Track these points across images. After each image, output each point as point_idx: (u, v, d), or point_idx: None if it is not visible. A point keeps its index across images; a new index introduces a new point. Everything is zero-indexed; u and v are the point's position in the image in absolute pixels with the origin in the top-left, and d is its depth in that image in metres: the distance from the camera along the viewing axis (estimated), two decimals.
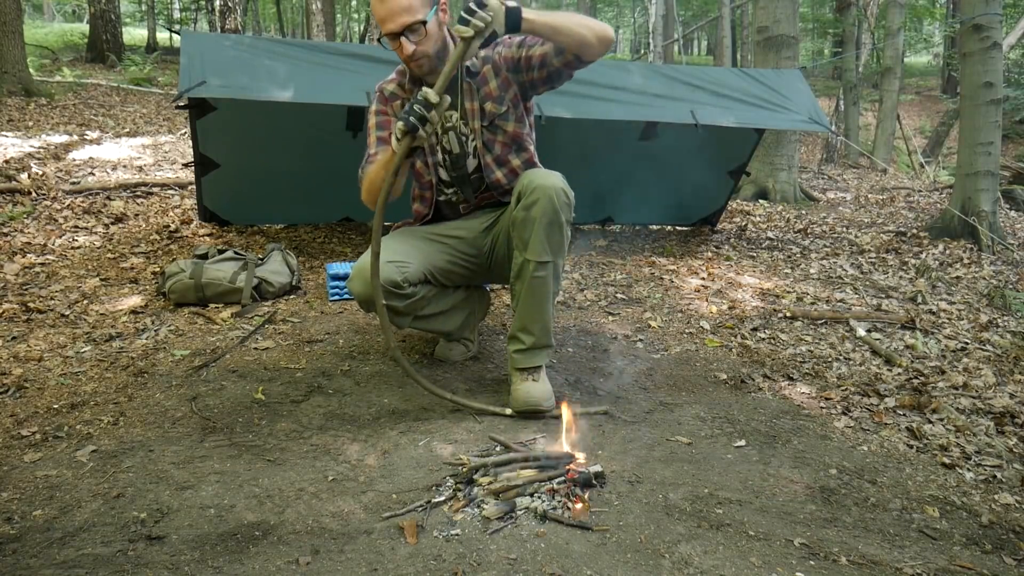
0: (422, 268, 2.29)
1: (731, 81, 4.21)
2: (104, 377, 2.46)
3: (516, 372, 2.25)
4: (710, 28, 22.15)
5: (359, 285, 2.21)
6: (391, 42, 2.12)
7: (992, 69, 4.80)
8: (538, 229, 2.13)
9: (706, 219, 5.24)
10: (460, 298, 2.52)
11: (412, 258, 2.27)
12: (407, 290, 2.23)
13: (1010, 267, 4.43)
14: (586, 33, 2.08)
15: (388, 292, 2.19)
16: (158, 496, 1.73)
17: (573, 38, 2.08)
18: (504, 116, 2.31)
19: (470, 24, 1.88)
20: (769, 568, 1.49)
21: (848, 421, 2.28)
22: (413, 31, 2.07)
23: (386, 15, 2.06)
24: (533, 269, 2.16)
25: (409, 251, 2.28)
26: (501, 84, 2.29)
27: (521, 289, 2.22)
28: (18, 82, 8.51)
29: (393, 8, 2.04)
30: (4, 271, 3.50)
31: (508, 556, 1.49)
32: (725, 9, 11.49)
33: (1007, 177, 7.43)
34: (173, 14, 20.06)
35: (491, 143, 2.33)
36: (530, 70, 2.25)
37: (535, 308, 2.22)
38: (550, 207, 2.11)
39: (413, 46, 2.09)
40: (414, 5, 2.05)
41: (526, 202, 2.13)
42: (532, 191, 2.12)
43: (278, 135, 3.95)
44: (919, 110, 17.29)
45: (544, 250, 2.15)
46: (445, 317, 2.48)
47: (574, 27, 2.07)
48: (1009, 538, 1.68)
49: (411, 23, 2.06)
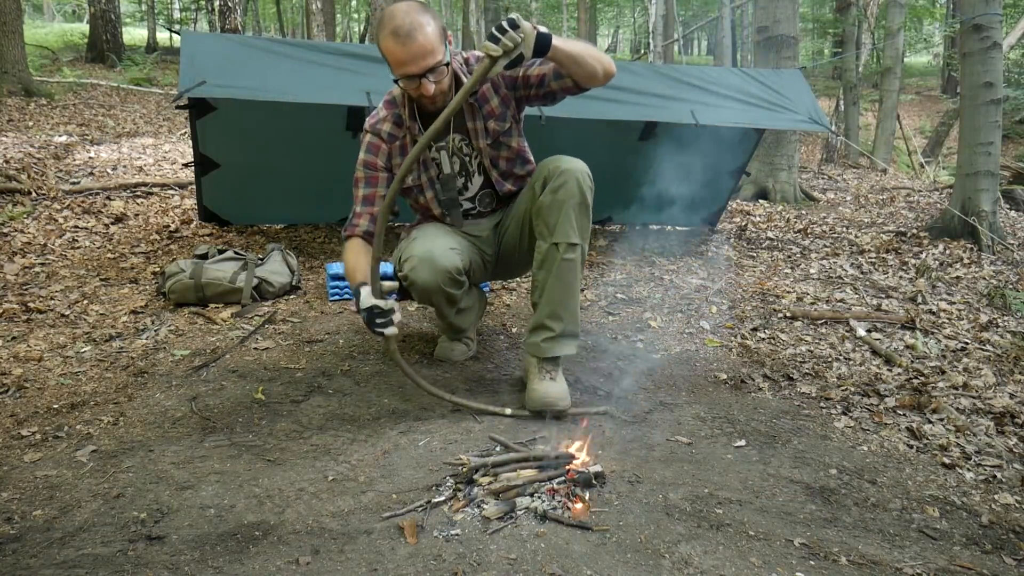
0: (468, 259, 2.35)
1: (731, 81, 4.21)
2: (104, 377, 2.46)
3: (536, 366, 2.24)
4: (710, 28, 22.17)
5: (426, 273, 2.21)
6: (408, 82, 2.08)
7: (992, 69, 4.79)
8: (567, 210, 2.13)
9: (706, 219, 5.24)
10: (474, 297, 2.59)
11: (463, 249, 2.33)
12: (463, 278, 2.29)
13: (1010, 267, 4.43)
14: (597, 67, 2.10)
15: (453, 280, 2.25)
16: (158, 496, 1.73)
17: (585, 71, 2.09)
18: (508, 132, 2.33)
19: (500, 43, 1.85)
20: (769, 568, 1.49)
21: (848, 421, 2.28)
22: (435, 71, 2.05)
23: (407, 59, 2.01)
24: (563, 251, 2.16)
25: (458, 243, 2.33)
26: (502, 101, 2.30)
27: (547, 277, 2.20)
28: (18, 82, 8.51)
29: (415, 52, 2.00)
30: (4, 271, 3.50)
31: (508, 556, 1.49)
32: (725, 9, 11.49)
33: (1007, 177, 7.43)
34: (173, 14, 20.06)
35: (496, 160, 2.36)
36: (527, 87, 2.26)
37: (565, 293, 2.20)
38: (578, 189, 2.13)
39: (433, 85, 2.07)
40: (435, 46, 2.02)
41: (554, 184, 2.14)
42: (560, 174, 2.14)
43: (278, 135, 3.95)
44: (919, 110, 17.29)
45: (573, 232, 2.15)
46: (467, 313, 2.55)
47: (589, 60, 2.08)
48: (1009, 538, 1.68)
49: (434, 65, 2.03)
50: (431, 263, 2.21)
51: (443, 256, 2.22)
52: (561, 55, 2.01)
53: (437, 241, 2.27)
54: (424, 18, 2.01)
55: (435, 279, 2.22)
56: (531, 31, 1.88)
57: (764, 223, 5.72)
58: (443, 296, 2.29)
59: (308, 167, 4.08)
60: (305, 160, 4.05)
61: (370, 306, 2.02)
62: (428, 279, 2.22)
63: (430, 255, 2.21)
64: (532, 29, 1.89)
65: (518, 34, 1.85)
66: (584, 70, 2.09)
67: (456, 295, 2.32)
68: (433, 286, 2.24)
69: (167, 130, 8.06)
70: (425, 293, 2.28)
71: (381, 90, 3.30)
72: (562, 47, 1.99)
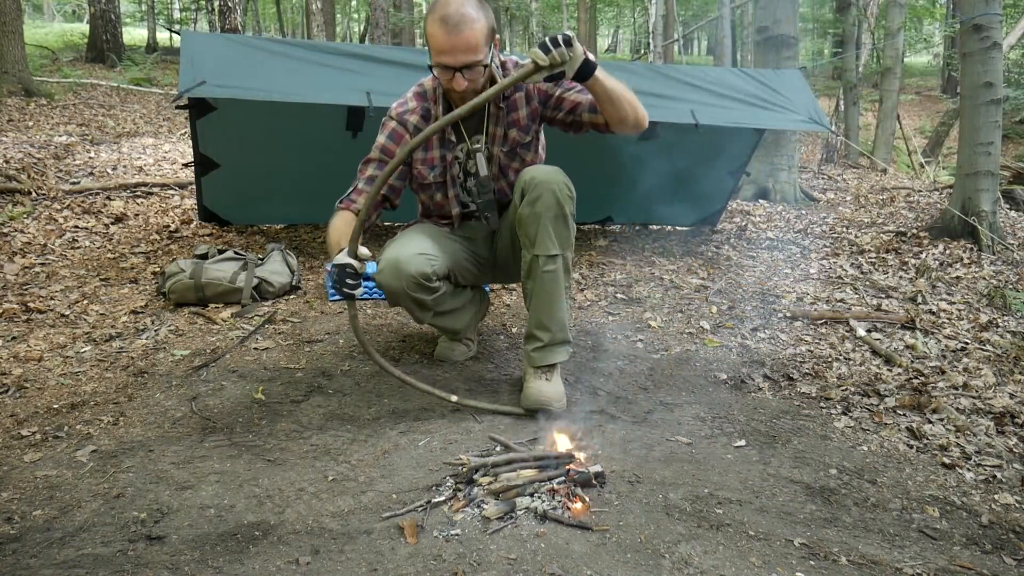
0: (447, 264, 2.31)
1: (731, 81, 4.20)
2: (104, 377, 2.46)
3: (531, 370, 2.25)
4: (710, 28, 22.17)
5: (390, 277, 2.20)
6: (442, 72, 2.06)
7: (992, 69, 4.79)
8: (544, 223, 2.13)
9: (706, 219, 5.24)
10: (468, 297, 2.55)
11: (439, 253, 2.28)
12: (435, 283, 2.25)
13: (1010, 267, 4.42)
14: (631, 114, 2.12)
15: (419, 285, 2.21)
16: (158, 496, 1.73)
17: (619, 113, 2.10)
18: (527, 146, 2.33)
19: (549, 55, 1.85)
20: (769, 568, 1.49)
21: (848, 421, 2.28)
22: (471, 69, 2.04)
23: (448, 49, 2.00)
24: (543, 264, 2.17)
25: (436, 246, 2.30)
26: (530, 114, 2.29)
27: (533, 286, 2.22)
28: (18, 82, 8.50)
29: (459, 43, 1.99)
30: (4, 271, 3.50)
31: (508, 556, 1.49)
32: (725, 9, 11.47)
33: (1007, 177, 7.42)
34: (173, 14, 20.05)
35: (507, 169, 2.36)
36: (558, 109, 2.26)
37: (548, 303, 2.22)
38: (554, 201, 2.12)
39: (466, 83, 2.06)
40: (479, 44, 2.01)
41: (530, 198, 2.14)
42: (535, 187, 2.13)
43: (278, 135, 3.95)
44: (919, 110, 17.28)
45: (552, 244, 2.16)
46: (457, 315, 2.50)
47: (625, 103, 2.09)
48: (1009, 538, 1.68)
49: (473, 63, 2.02)
50: (396, 268, 2.19)
51: (409, 262, 2.18)
52: (599, 88, 2.03)
53: (409, 246, 2.24)
54: (477, 13, 2.00)
55: (399, 284, 2.20)
56: (580, 54, 1.90)
57: (764, 223, 5.72)
58: (410, 300, 2.25)
59: (308, 167, 4.08)
60: (305, 160, 4.05)
61: (343, 263, 2.00)
62: (392, 284, 2.21)
63: (396, 260, 2.19)
64: (582, 53, 1.91)
65: (569, 52, 1.87)
66: (616, 111, 2.10)
67: (426, 300, 2.26)
68: (398, 290, 2.22)
69: (167, 130, 8.06)
70: (392, 296, 2.27)
71: (381, 90, 3.30)
72: (602, 80, 2.01)
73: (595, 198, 4.71)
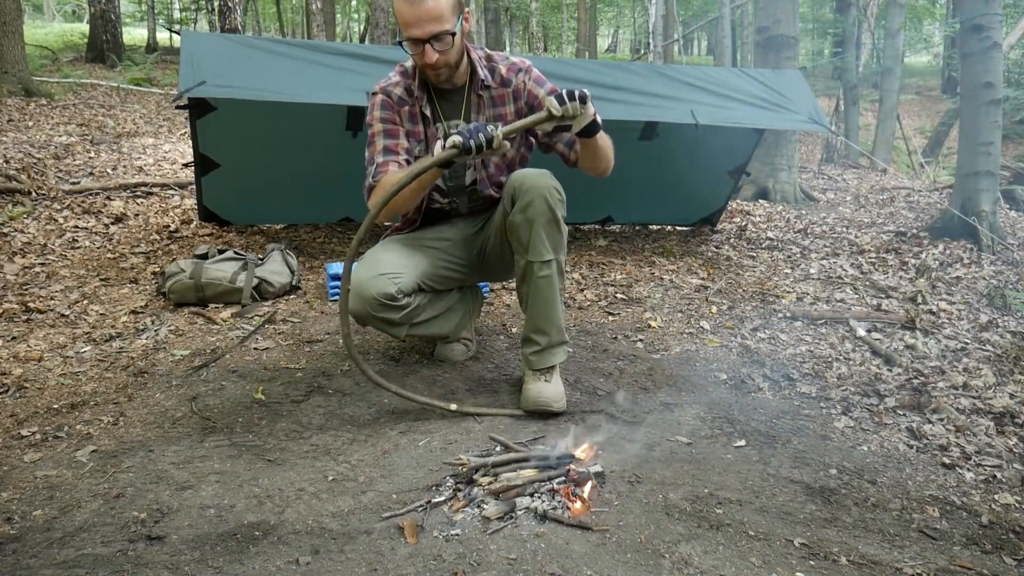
0: (415, 277, 2.28)
1: (731, 81, 4.20)
2: (104, 377, 2.46)
3: (530, 372, 2.26)
4: (710, 28, 22.17)
5: (354, 301, 2.19)
6: (412, 46, 2.07)
7: (992, 69, 4.79)
8: (536, 229, 2.14)
9: (706, 219, 5.24)
10: (454, 300, 2.52)
11: (404, 268, 2.25)
12: (402, 301, 2.23)
13: (1010, 267, 4.43)
14: (603, 167, 2.26)
15: (383, 305, 2.19)
16: (158, 496, 1.73)
17: (594, 165, 2.25)
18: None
19: (563, 107, 1.94)
20: (769, 568, 1.49)
21: (848, 421, 2.28)
22: (440, 40, 2.04)
23: (414, 20, 2.00)
24: (537, 270, 2.18)
25: (400, 261, 2.27)
26: (517, 112, 2.30)
27: (528, 291, 2.24)
28: (18, 82, 8.50)
29: (422, 14, 1.99)
30: (4, 271, 3.50)
31: (508, 556, 1.49)
32: (725, 9, 11.48)
33: (1007, 177, 7.43)
34: (173, 14, 20.04)
35: (488, 161, 2.35)
36: None
37: (545, 308, 2.23)
38: (545, 206, 2.13)
39: (437, 55, 2.07)
40: (445, 13, 2.01)
41: (521, 204, 2.14)
42: (525, 192, 2.14)
43: (278, 135, 3.95)
44: (919, 110, 17.27)
45: (545, 249, 2.17)
46: (441, 320, 2.46)
47: (604, 160, 2.24)
48: (1009, 538, 1.68)
49: (439, 32, 2.03)
50: (357, 291, 2.17)
51: (369, 284, 2.17)
52: (593, 145, 2.13)
53: (372, 267, 2.22)
54: None
55: (363, 307, 2.19)
56: (591, 114, 2.01)
57: (764, 223, 5.72)
58: (377, 321, 2.23)
59: (308, 167, 4.08)
60: (305, 160, 4.05)
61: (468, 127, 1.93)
62: (356, 307, 2.20)
63: (357, 283, 2.18)
64: (593, 112, 2.01)
65: (581, 108, 1.96)
66: (593, 163, 2.23)
67: (394, 318, 2.24)
68: (363, 313, 2.21)
69: (167, 130, 8.05)
70: (359, 320, 2.26)
71: None
72: (599, 140, 2.12)
73: (595, 198, 4.71)
